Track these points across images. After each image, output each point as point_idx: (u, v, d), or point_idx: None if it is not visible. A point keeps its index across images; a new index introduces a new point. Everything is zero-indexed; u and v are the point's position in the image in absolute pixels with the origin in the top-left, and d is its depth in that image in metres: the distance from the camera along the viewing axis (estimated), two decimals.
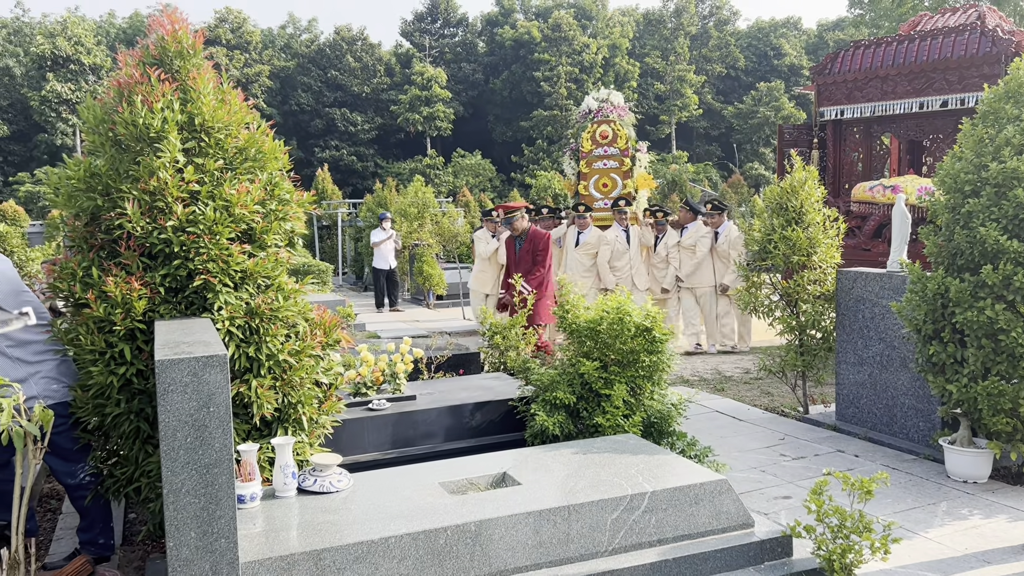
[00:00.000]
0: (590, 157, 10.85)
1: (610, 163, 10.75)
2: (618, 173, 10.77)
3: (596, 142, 10.84)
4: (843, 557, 3.32)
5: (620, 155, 10.75)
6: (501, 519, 3.32)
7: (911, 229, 5.81)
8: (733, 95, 53.92)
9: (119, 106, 3.71)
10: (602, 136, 10.81)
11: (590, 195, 10.89)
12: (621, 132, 10.78)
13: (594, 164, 10.84)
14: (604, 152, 10.76)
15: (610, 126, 10.80)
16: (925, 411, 5.41)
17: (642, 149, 10.99)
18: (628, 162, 10.73)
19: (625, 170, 10.75)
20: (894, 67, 8.63)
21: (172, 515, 2.71)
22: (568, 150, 11.46)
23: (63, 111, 41.15)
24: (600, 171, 10.81)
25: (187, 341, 2.95)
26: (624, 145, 10.75)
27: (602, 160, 10.78)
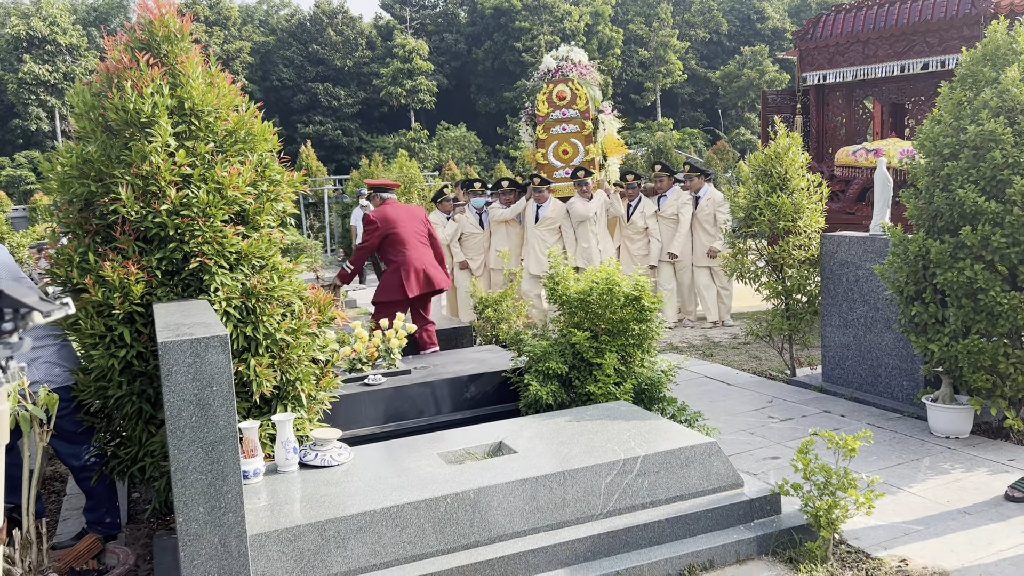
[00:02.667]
0: (547, 121, 9.62)
1: (569, 127, 9.55)
2: (579, 138, 9.54)
3: (553, 104, 9.60)
4: (829, 513, 3.45)
5: (580, 117, 9.52)
6: (498, 486, 3.43)
7: (893, 192, 5.90)
8: (717, 60, 53.74)
9: (109, 91, 3.74)
10: (559, 97, 9.56)
11: (549, 164, 9.69)
12: (580, 91, 9.51)
13: (552, 129, 9.63)
14: (562, 115, 9.54)
15: (567, 85, 9.53)
16: (908, 370, 5.54)
17: (606, 111, 9.72)
18: (589, 125, 9.48)
19: (587, 134, 9.50)
20: (875, 31, 8.67)
21: (180, 491, 2.79)
22: (524, 115, 10.14)
23: (41, 92, 40.64)
24: (559, 136, 9.59)
25: (187, 323, 3.01)
26: (584, 106, 9.49)
27: (560, 124, 9.56)
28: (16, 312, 1.16)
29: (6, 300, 1.14)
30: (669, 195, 9.17)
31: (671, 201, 9.12)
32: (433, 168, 37.15)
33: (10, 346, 1.18)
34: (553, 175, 9.56)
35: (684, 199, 9.09)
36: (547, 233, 9.04)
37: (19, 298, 1.14)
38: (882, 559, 3.52)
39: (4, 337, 1.16)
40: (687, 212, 9.04)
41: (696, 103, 54.30)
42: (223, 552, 2.84)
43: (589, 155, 9.51)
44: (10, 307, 1.15)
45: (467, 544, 3.30)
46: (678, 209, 9.06)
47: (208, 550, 2.83)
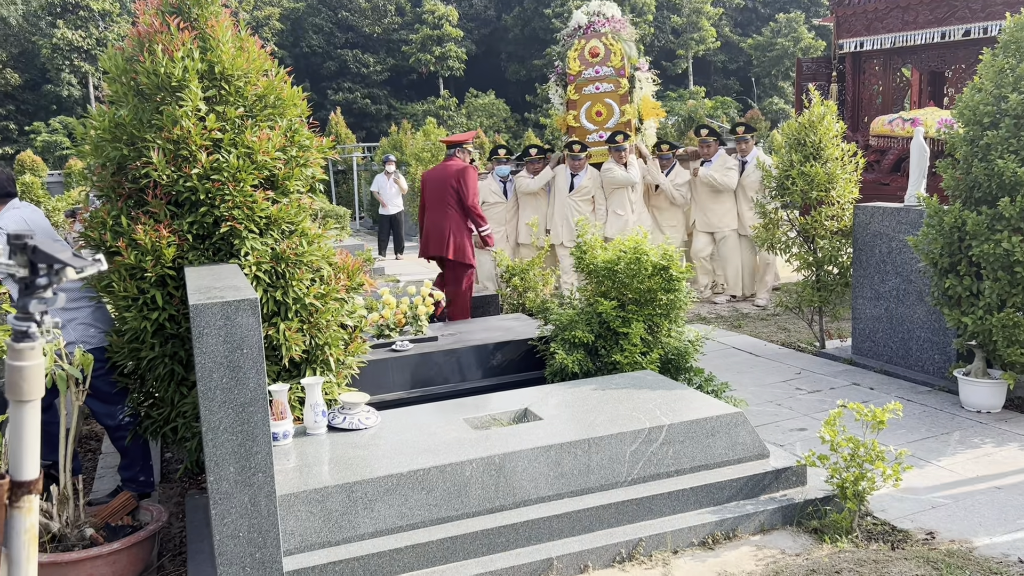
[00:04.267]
0: (579, 80, 8.87)
1: (603, 86, 8.80)
2: (613, 98, 8.80)
3: (585, 61, 8.85)
4: (856, 484, 3.43)
5: (615, 75, 8.76)
6: (523, 452, 3.45)
7: (930, 163, 5.79)
8: (751, 27, 52.73)
9: (140, 55, 3.75)
10: (591, 53, 8.82)
11: (581, 127, 8.97)
12: (615, 47, 8.78)
13: (584, 89, 8.87)
14: (595, 73, 8.80)
15: (601, 40, 8.78)
16: (940, 344, 5.47)
17: (643, 67, 8.98)
18: (625, 83, 8.78)
19: (622, 93, 8.78)
20: None
21: (211, 451, 2.84)
22: (554, 75, 9.41)
23: (74, 58, 40.94)
24: (591, 96, 8.86)
25: (218, 286, 3.04)
26: (619, 63, 8.75)
27: (593, 83, 8.83)
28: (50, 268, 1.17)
29: (41, 256, 1.16)
30: (714, 160, 8.53)
31: (716, 166, 8.48)
32: None
33: (44, 301, 1.20)
34: (585, 139, 8.88)
35: (729, 164, 8.49)
36: (581, 203, 8.59)
37: (53, 254, 1.16)
38: (908, 531, 3.50)
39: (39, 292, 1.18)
40: (732, 176, 8.44)
41: (729, 71, 53.42)
42: (253, 511, 2.90)
43: (625, 116, 8.81)
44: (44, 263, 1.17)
45: (492, 508, 3.34)
46: (723, 173, 8.45)
47: (238, 509, 2.88)
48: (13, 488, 1.19)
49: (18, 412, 1.18)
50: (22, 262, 1.11)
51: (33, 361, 1.16)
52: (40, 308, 1.16)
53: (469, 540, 3.22)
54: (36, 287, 1.12)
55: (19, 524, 1.18)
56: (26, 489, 1.20)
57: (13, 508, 1.19)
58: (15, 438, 1.20)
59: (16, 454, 1.17)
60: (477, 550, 3.23)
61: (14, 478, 1.18)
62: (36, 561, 1.23)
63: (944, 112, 8.12)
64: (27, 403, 1.17)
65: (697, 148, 8.79)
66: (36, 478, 1.22)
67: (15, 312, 1.14)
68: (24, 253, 1.10)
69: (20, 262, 1.11)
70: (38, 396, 1.18)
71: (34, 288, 1.12)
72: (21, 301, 1.13)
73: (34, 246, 1.11)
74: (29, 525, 1.21)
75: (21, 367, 1.15)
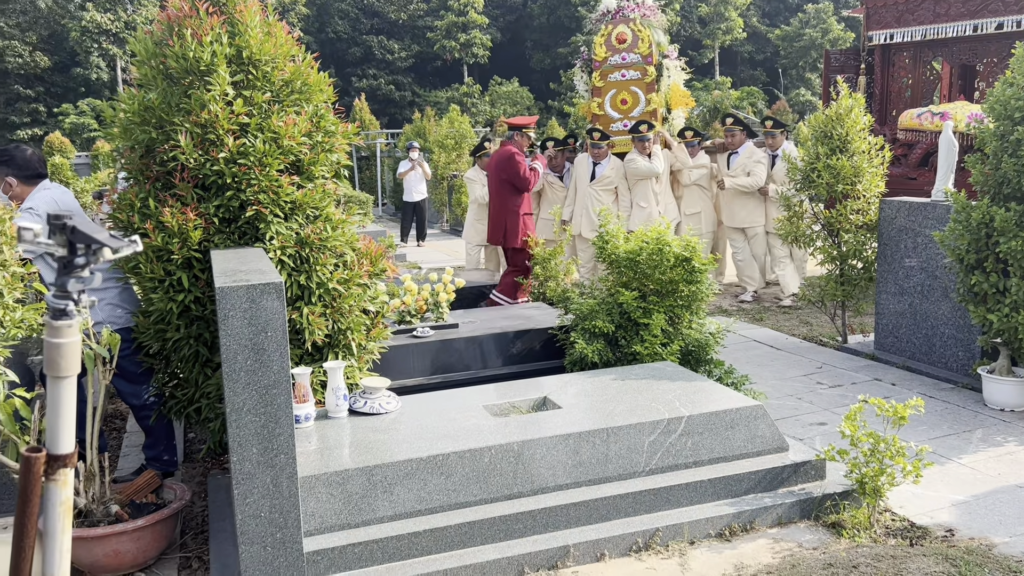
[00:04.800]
0: (604, 67, 8.57)
1: (630, 73, 8.48)
2: (640, 85, 8.47)
3: (611, 47, 8.53)
4: (875, 479, 3.42)
5: (642, 62, 8.44)
6: (542, 440, 3.47)
7: (958, 157, 5.72)
8: (779, 17, 52.16)
9: (169, 39, 3.79)
10: (618, 39, 8.49)
11: (605, 115, 8.63)
12: (643, 33, 8.44)
13: (610, 76, 8.55)
14: (622, 60, 8.48)
15: (628, 26, 8.45)
16: (965, 341, 5.42)
17: (672, 55, 8.66)
18: (652, 71, 8.46)
19: (648, 81, 8.46)
20: None
21: (235, 432, 2.88)
22: (579, 61, 9.09)
23: (103, 41, 41.29)
24: (617, 84, 8.54)
25: (243, 269, 3.08)
26: (647, 50, 8.43)
27: (619, 70, 8.52)
28: (88, 247, 1.20)
29: (79, 236, 1.19)
30: (741, 151, 8.19)
31: (743, 159, 8.17)
32: (484, 123, 36.96)
33: (82, 280, 1.23)
34: (609, 127, 8.57)
35: (758, 157, 8.11)
36: (603, 193, 8.32)
37: (91, 234, 1.18)
38: (927, 528, 3.49)
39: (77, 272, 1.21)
40: (761, 172, 8.05)
41: (756, 62, 52.91)
42: (275, 491, 2.94)
43: (651, 105, 8.48)
44: (83, 243, 1.20)
45: (510, 495, 3.36)
46: (751, 168, 8.09)
47: (260, 489, 2.92)
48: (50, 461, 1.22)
49: (56, 388, 1.21)
50: (61, 242, 1.14)
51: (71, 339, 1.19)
52: (78, 287, 1.19)
53: (487, 525, 3.25)
54: (74, 266, 1.15)
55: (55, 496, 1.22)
56: (62, 463, 1.23)
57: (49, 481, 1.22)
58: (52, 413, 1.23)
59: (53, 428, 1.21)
60: (495, 535, 3.25)
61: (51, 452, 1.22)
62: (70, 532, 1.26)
63: (974, 106, 8.02)
64: (64, 379, 1.21)
65: (723, 139, 8.54)
66: (72, 452, 1.25)
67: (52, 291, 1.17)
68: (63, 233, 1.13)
69: (59, 242, 1.14)
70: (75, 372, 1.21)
71: (72, 267, 1.15)
72: (59, 280, 1.16)
73: (73, 226, 1.14)
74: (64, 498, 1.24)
75: (59, 344, 1.18)
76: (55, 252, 1.15)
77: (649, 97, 8.56)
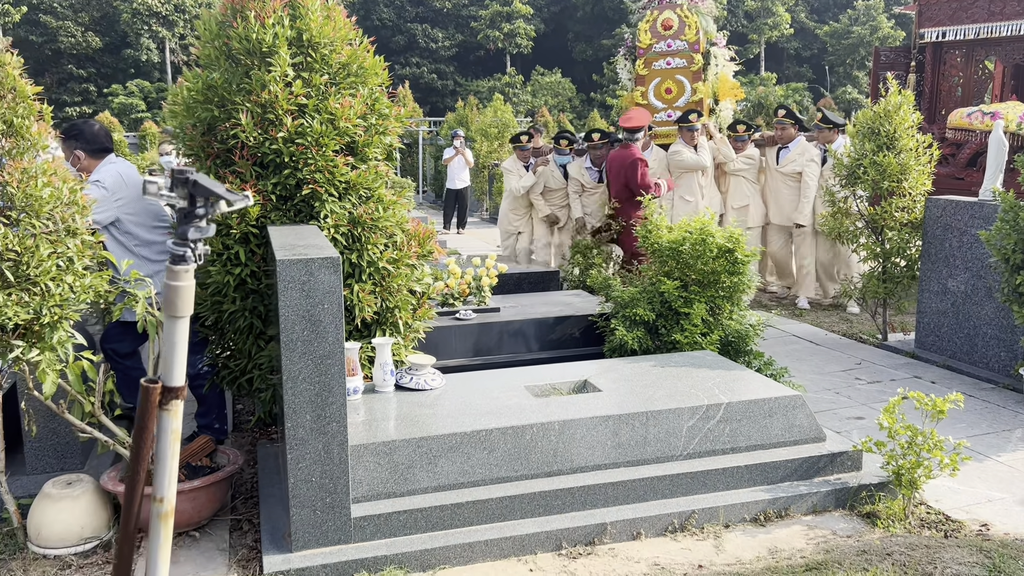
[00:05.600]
0: (649, 54, 8.21)
1: (675, 61, 8.15)
2: (685, 74, 8.14)
3: (657, 34, 8.19)
4: (912, 472, 3.45)
5: (688, 50, 8.10)
6: (582, 420, 3.55)
7: (1008, 157, 5.67)
8: (828, 13, 51.37)
9: (233, 21, 3.92)
10: (664, 26, 8.15)
11: (649, 104, 8.32)
12: (690, 19, 8.11)
13: (654, 64, 8.20)
14: (667, 47, 8.15)
15: (675, 12, 8.11)
16: (1008, 341, 5.39)
17: (720, 42, 8.28)
18: (699, 60, 8.13)
19: (695, 70, 8.12)
20: None
21: (290, 399, 3.01)
22: (623, 48, 8.74)
23: (153, 23, 41.99)
24: (662, 72, 8.22)
25: (301, 244, 3.20)
26: (694, 37, 8.08)
27: (664, 58, 8.17)
28: (207, 199, 1.31)
29: (200, 189, 1.30)
30: (792, 147, 7.75)
31: (793, 155, 7.72)
32: (526, 113, 36.98)
33: (200, 230, 1.34)
34: (653, 117, 8.28)
35: (811, 154, 7.66)
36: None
37: (210, 187, 1.29)
38: (962, 522, 3.51)
39: (196, 221, 1.32)
40: (813, 171, 7.55)
41: (802, 58, 52.19)
42: (326, 458, 3.07)
43: (697, 95, 8.16)
44: (203, 195, 1.31)
45: (550, 472, 3.45)
46: (802, 166, 7.65)
47: (312, 455, 3.05)
48: (164, 392, 1.33)
49: (172, 326, 1.33)
50: (182, 194, 1.25)
51: (187, 282, 1.30)
52: (196, 235, 1.30)
53: (527, 500, 3.34)
54: (194, 216, 1.26)
55: (167, 424, 1.33)
56: (174, 394, 1.35)
57: (163, 410, 1.33)
58: (168, 349, 1.35)
59: (168, 363, 1.32)
60: (534, 510, 3.35)
61: (165, 384, 1.33)
62: (178, 456, 1.38)
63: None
64: (179, 319, 1.32)
65: (773, 133, 8.10)
66: (182, 385, 1.37)
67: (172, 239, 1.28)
68: (185, 186, 1.24)
69: (181, 194, 1.25)
70: (188, 313, 1.32)
71: (192, 217, 1.26)
72: (180, 228, 1.27)
73: (195, 180, 1.25)
74: (175, 426, 1.36)
75: (177, 287, 1.29)
76: (176, 203, 1.26)
77: (695, 86, 8.22)
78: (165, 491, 1.40)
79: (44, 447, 3.81)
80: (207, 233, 1.35)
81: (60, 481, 3.40)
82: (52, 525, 3.27)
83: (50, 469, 3.79)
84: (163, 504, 1.42)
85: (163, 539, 1.49)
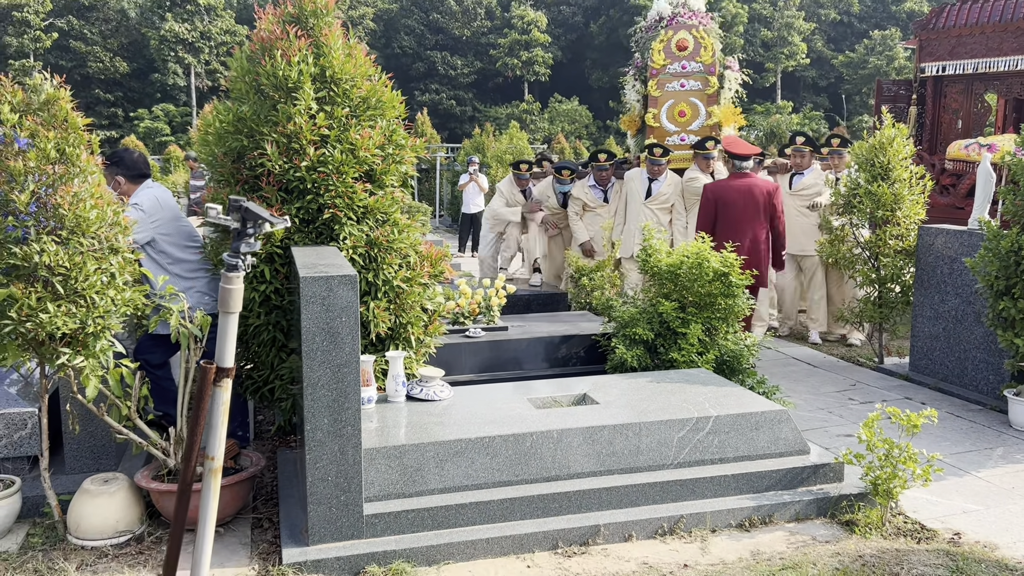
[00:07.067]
0: (662, 76, 7.94)
1: (690, 83, 7.93)
2: (700, 97, 7.93)
3: (671, 55, 7.93)
4: (888, 482, 3.69)
5: (704, 72, 7.89)
6: (580, 429, 3.82)
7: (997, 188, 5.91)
8: (845, 43, 51.77)
9: (262, 59, 4.26)
10: (679, 47, 7.90)
11: (661, 127, 8.01)
12: (706, 41, 7.90)
13: (667, 85, 7.96)
14: (682, 68, 7.89)
15: (691, 33, 7.87)
16: (995, 364, 5.60)
17: (732, 66, 8.12)
18: (715, 82, 7.94)
19: (710, 93, 7.93)
20: (1001, 23, 8.48)
21: (309, 405, 3.30)
22: (632, 68, 8.44)
23: (179, 50, 43.02)
24: (676, 94, 7.96)
25: (323, 263, 3.51)
26: (710, 59, 7.89)
27: (679, 79, 7.94)
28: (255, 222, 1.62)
29: (250, 213, 1.60)
30: (807, 174, 7.68)
31: (808, 180, 7.65)
32: (543, 140, 37.46)
33: (251, 245, 1.64)
34: (665, 141, 7.96)
35: (823, 179, 7.62)
36: (659, 212, 7.71)
37: (258, 212, 1.60)
38: (936, 530, 3.74)
39: (247, 238, 1.62)
40: (828, 197, 7.31)
41: (819, 87, 52.56)
42: (341, 459, 3.35)
43: (712, 119, 7.96)
44: (252, 219, 1.61)
45: (548, 477, 3.72)
46: (819, 192, 7.55)
47: (329, 456, 3.34)
48: (218, 372, 1.62)
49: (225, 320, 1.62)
50: (236, 217, 1.55)
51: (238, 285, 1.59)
52: (247, 249, 1.60)
53: (526, 503, 3.61)
54: (245, 234, 1.56)
55: (219, 398, 1.62)
56: (226, 374, 1.64)
57: (216, 386, 1.62)
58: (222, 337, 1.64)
59: (221, 348, 1.61)
60: (533, 512, 3.61)
61: (219, 365, 1.62)
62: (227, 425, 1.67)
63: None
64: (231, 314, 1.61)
65: (788, 159, 8.01)
66: (232, 367, 1.66)
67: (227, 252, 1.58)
68: (238, 211, 1.54)
69: (235, 217, 1.55)
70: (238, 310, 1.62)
71: (243, 235, 1.56)
72: (234, 244, 1.57)
73: (246, 207, 1.55)
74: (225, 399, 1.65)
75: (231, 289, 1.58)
76: (231, 225, 1.56)
77: (711, 110, 8.01)
78: (216, 450, 1.69)
79: (82, 448, 4.12)
80: (254, 248, 1.65)
81: (98, 479, 3.70)
82: (90, 518, 3.56)
83: (87, 469, 4.10)
84: (214, 461, 1.72)
85: (213, 489, 1.79)
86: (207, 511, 1.82)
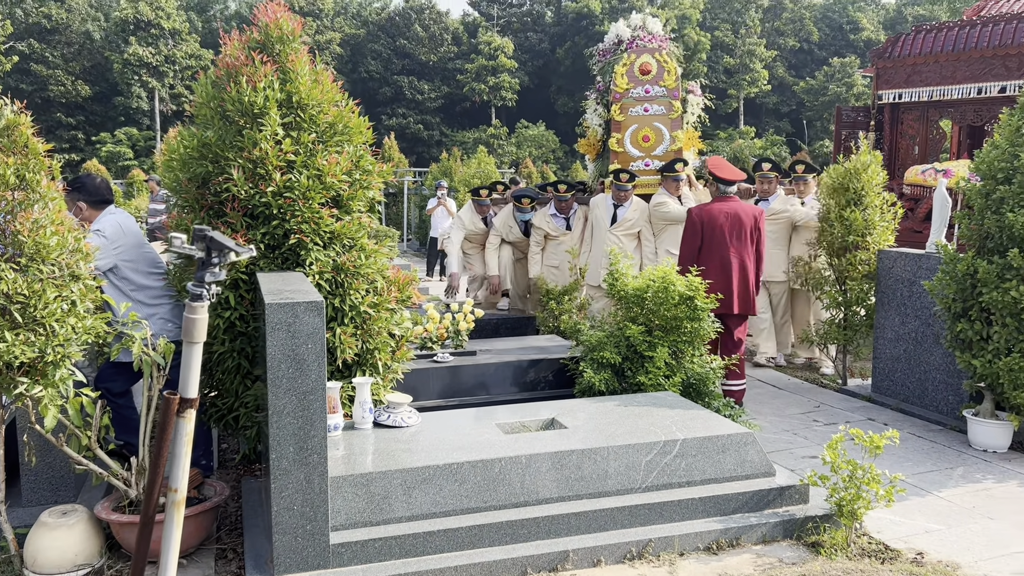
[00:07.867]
0: (626, 100, 7.82)
1: (654, 107, 7.80)
2: (664, 121, 7.80)
3: (634, 79, 7.82)
4: (852, 503, 3.73)
5: (668, 96, 7.78)
6: (548, 454, 3.82)
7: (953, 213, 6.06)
8: (805, 70, 52.93)
9: (227, 85, 4.25)
10: (642, 70, 7.79)
11: (624, 152, 7.86)
12: (669, 65, 7.79)
13: (631, 110, 7.84)
14: (646, 92, 7.80)
15: (654, 57, 7.77)
16: (955, 385, 5.71)
17: (695, 90, 8.06)
18: (678, 106, 7.82)
19: (674, 117, 7.82)
20: (954, 52, 8.74)
21: (275, 433, 3.26)
22: (593, 92, 8.37)
23: (143, 74, 42.71)
24: (639, 119, 7.83)
25: (288, 289, 3.48)
26: (673, 83, 7.78)
27: (642, 104, 7.81)
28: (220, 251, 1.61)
29: (215, 243, 1.59)
30: (771, 200, 7.63)
31: (775, 206, 7.58)
32: (510, 165, 37.66)
33: (215, 275, 1.63)
34: (629, 166, 7.82)
35: (792, 201, 7.65)
36: (625, 238, 7.52)
37: (223, 242, 1.59)
38: (900, 551, 3.78)
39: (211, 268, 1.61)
40: (800, 209, 7.48)
41: (781, 113, 53.58)
42: (307, 487, 3.31)
43: (676, 144, 7.84)
44: (216, 248, 1.61)
45: (516, 503, 3.70)
46: (787, 210, 7.57)
47: (295, 485, 3.29)
48: (181, 402, 1.60)
49: (189, 350, 1.60)
50: (201, 247, 1.54)
51: (202, 315, 1.58)
52: (212, 279, 1.59)
53: (495, 529, 3.59)
54: (210, 264, 1.55)
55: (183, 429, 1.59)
56: (189, 404, 1.62)
57: (179, 417, 1.60)
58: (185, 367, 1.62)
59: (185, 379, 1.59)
60: (501, 538, 3.59)
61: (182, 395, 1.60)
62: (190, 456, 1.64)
63: None
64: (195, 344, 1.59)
65: (753, 185, 7.87)
66: (196, 397, 1.64)
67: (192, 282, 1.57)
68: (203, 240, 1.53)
69: (200, 247, 1.54)
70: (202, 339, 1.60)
71: (208, 264, 1.55)
72: (198, 273, 1.56)
73: (211, 236, 1.55)
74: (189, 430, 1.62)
75: (195, 319, 1.57)
76: (195, 254, 1.55)
77: (675, 135, 7.86)
78: (179, 482, 1.66)
79: (40, 480, 4.03)
80: (219, 277, 1.64)
81: (56, 511, 3.61)
82: (48, 552, 3.47)
83: (45, 501, 4.00)
84: (177, 493, 1.69)
85: (176, 522, 1.76)
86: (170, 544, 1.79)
